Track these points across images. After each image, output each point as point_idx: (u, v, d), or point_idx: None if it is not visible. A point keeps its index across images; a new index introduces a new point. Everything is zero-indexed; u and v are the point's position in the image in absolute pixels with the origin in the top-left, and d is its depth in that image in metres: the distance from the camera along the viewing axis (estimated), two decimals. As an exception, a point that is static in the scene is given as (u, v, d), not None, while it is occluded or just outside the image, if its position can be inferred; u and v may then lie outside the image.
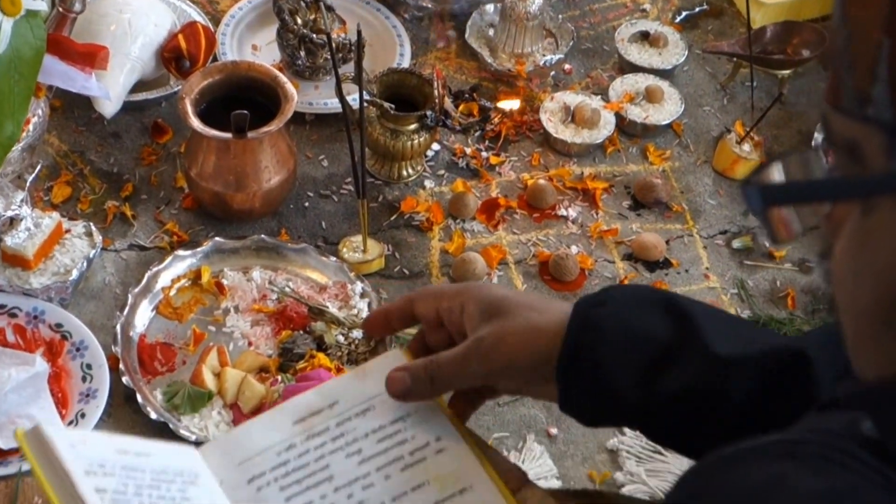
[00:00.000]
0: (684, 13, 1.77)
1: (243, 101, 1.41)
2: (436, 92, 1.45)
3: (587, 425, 0.81)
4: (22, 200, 1.34)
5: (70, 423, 1.24)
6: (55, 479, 0.71)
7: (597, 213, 1.51)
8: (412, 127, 1.48)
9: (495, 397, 0.85)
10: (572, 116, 1.60)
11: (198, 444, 0.86)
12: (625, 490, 1.22)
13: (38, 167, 1.37)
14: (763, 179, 0.58)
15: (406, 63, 1.61)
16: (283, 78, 1.42)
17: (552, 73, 1.67)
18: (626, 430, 1.27)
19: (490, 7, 1.69)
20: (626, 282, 1.44)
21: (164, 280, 1.38)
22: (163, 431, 1.22)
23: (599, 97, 1.63)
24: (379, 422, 0.81)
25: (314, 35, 1.56)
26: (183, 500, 0.75)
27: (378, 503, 0.78)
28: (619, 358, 0.75)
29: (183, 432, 1.23)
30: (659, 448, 1.24)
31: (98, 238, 1.38)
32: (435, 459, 0.79)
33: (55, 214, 1.37)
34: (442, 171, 1.56)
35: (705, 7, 1.78)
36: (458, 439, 0.81)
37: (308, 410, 0.82)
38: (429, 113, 1.46)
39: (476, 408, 0.85)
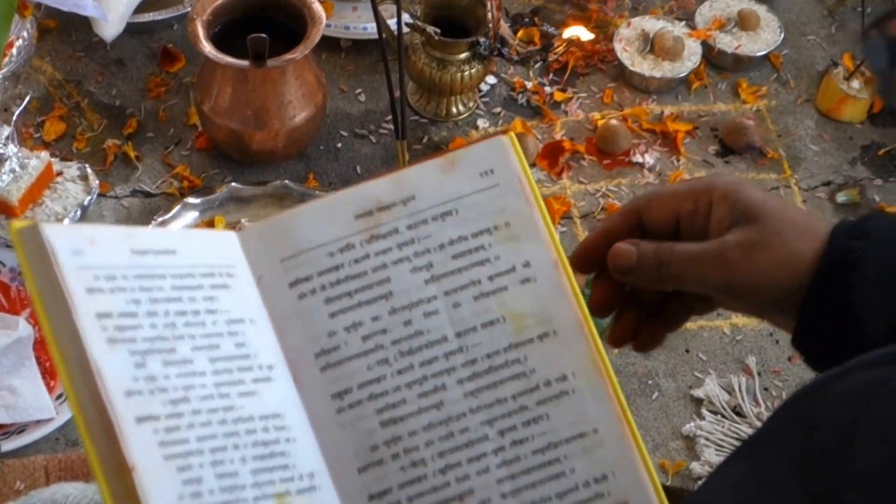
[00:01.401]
0: (785, -74, 1.69)
1: (264, 23, 1.35)
2: (490, 14, 1.40)
3: (813, 367, 0.77)
4: (7, 137, 1.30)
5: (59, 396, 1.20)
6: (49, 296, 0.67)
7: (678, 160, 1.47)
8: (462, 56, 1.43)
9: (707, 312, 0.82)
10: (651, 46, 1.55)
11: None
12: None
13: (27, 99, 1.34)
14: (891, 31, 0.53)
15: (456, -20, 1.54)
16: (311, -4, 1.36)
17: (629, -7, 1.61)
18: (706, 413, 1.22)
19: (557, -84, 1.63)
20: None
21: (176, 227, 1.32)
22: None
23: (684, 23, 1.58)
24: (460, 231, 0.76)
25: (350, -54, 1.50)
26: (207, 312, 0.71)
27: (438, 336, 0.75)
28: (875, 306, 0.73)
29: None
30: (744, 435, 1.21)
31: (95, 182, 1.35)
32: (518, 291, 0.75)
33: (45, 154, 1.34)
34: (498, 109, 1.52)
35: (810, -82, 1.70)
36: (552, 268, 0.75)
37: (376, 203, 0.76)
38: (482, 40, 1.42)
39: (681, 323, 0.81)
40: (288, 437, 0.71)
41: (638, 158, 1.47)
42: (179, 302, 0.70)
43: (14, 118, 1.30)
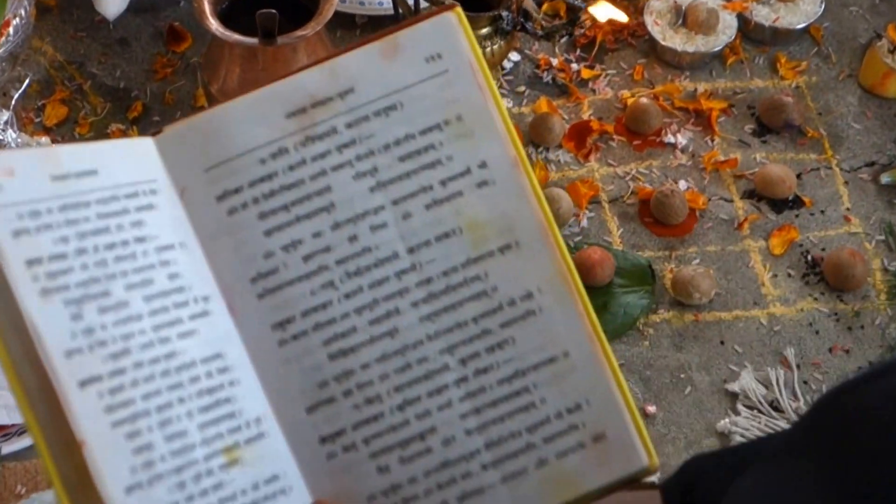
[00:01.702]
0: None
1: (275, -2, 1.31)
2: (512, -13, 1.36)
3: None
4: (6, 122, 1.28)
5: None
6: None
7: (712, 140, 1.43)
8: (483, 31, 1.39)
9: None
10: (684, 19, 1.51)
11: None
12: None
13: (27, 81, 1.33)
14: None
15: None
16: (323, -30, 1.33)
17: (660, -36, 1.57)
18: (742, 409, 1.19)
19: None
20: (745, 225, 1.34)
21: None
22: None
23: (718, -6, 1.52)
24: (406, 128, 0.72)
25: (365, -82, 1.47)
26: (137, 241, 0.67)
27: (388, 253, 0.71)
28: None
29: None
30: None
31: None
32: (475, 196, 0.72)
33: (45, 140, 1.33)
34: (522, 88, 1.49)
35: None
36: (511, 167, 0.72)
37: (309, 98, 0.72)
38: (504, 14, 1.38)
39: None
40: (231, 379, 0.68)
41: (670, 138, 1.43)
42: (107, 233, 0.66)
43: (13, 102, 1.29)
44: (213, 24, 1.27)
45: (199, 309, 0.69)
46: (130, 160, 0.70)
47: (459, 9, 0.73)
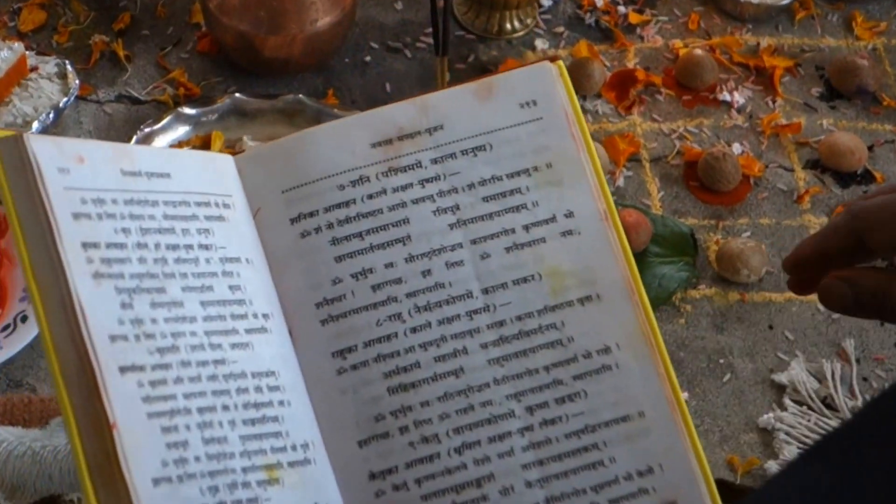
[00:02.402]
0: None
1: None
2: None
3: None
4: None
5: (6, 327, 1.14)
6: (30, 219, 0.66)
7: (773, 102, 1.40)
8: None
9: None
10: None
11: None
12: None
13: None
14: None
15: None
16: None
17: None
18: (789, 403, 1.14)
19: None
20: (805, 198, 1.30)
21: (159, 145, 1.26)
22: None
23: (790, -61, 1.49)
24: (493, 170, 0.76)
25: None
26: (201, 248, 0.71)
27: (462, 291, 0.74)
28: None
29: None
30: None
31: (75, 82, 1.29)
32: (558, 244, 0.75)
33: (18, 45, 1.28)
34: (560, 28, 1.45)
35: None
36: (599, 220, 0.75)
37: (397, 130, 0.76)
38: None
39: None
40: (282, 399, 0.70)
41: (725, 96, 1.39)
42: (172, 234, 0.70)
43: (-16, 2, 1.23)
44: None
45: (258, 325, 0.71)
46: (207, 172, 0.74)
47: (561, 63, 0.77)
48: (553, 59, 0.77)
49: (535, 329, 0.73)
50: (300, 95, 1.32)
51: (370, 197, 0.75)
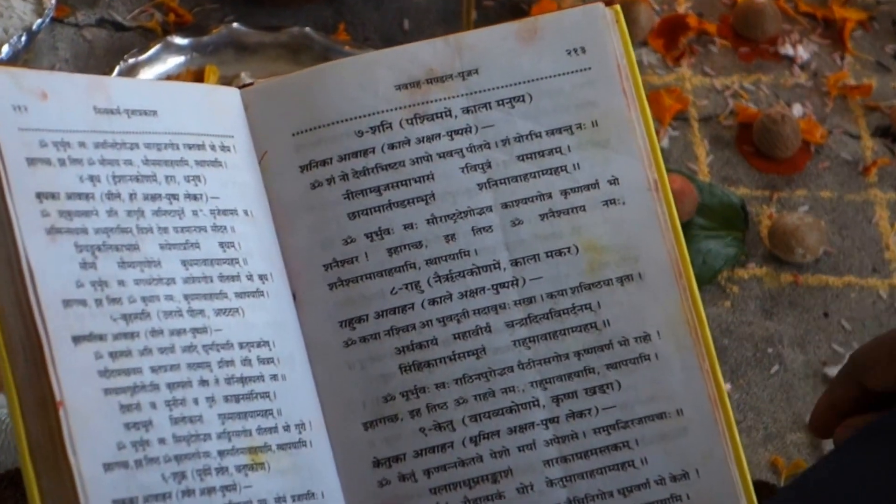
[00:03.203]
0: None
1: None
2: None
3: None
4: None
5: None
6: None
7: (842, 58, 1.36)
8: None
9: None
10: None
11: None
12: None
13: None
14: None
15: None
16: None
17: None
18: None
19: None
20: (872, 171, 1.26)
21: (144, 78, 1.23)
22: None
23: None
24: (532, 125, 0.75)
25: None
26: (188, 198, 0.69)
27: (489, 261, 0.73)
28: None
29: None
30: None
31: (51, 2, 1.24)
32: (599, 214, 0.74)
33: None
34: None
35: None
36: (648, 190, 0.75)
37: (426, 71, 0.75)
38: None
39: None
40: (275, 373, 0.69)
41: (787, 50, 1.35)
42: (152, 182, 0.68)
43: None
44: None
45: (252, 287, 0.70)
46: (205, 108, 0.72)
47: (618, 7, 0.76)
48: (609, 2, 0.76)
49: (567, 309, 0.73)
50: (307, 29, 1.28)
51: (392, 147, 0.73)
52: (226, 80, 1.24)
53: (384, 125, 0.74)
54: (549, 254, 0.74)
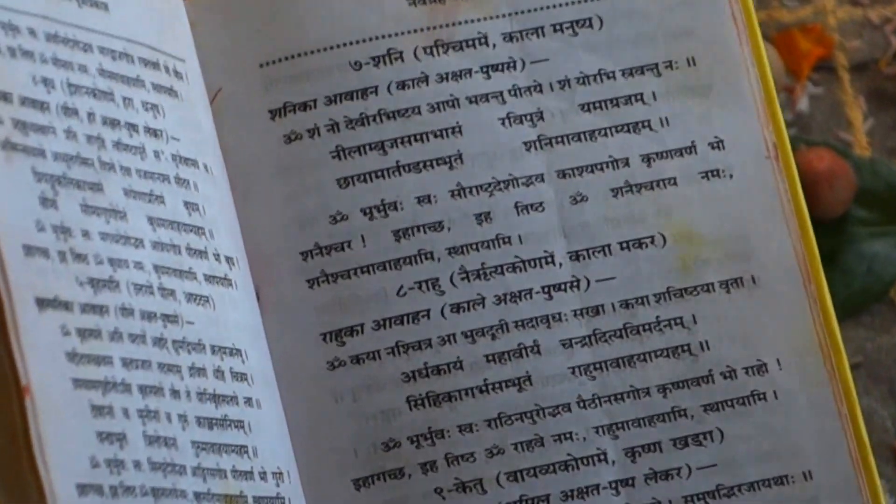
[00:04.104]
0: None
1: None
2: None
3: None
4: None
5: None
6: None
7: None
8: None
9: None
10: None
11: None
12: None
13: None
14: None
15: None
16: None
17: None
18: None
19: None
20: None
21: None
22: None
23: None
24: (601, 60, 0.67)
25: None
26: (148, 133, 0.62)
27: (537, 252, 0.64)
28: None
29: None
30: None
31: None
32: (697, 190, 0.66)
33: None
34: None
35: None
36: (764, 159, 0.66)
37: None
38: None
39: None
40: (249, 395, 0.64)
41: None
42: (110, 102, 0.62)
43: None
44: None
45: (220, 272, 0.63)
46: (154, 13, 0.66)
47: None
48: None
49: (649, 324, 0.65)
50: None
51: (402, 86, 0.65)
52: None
53: (392, 55, 0.65)
54: (625, 245, 0.65)
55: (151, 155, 0.63)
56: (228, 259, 0.65)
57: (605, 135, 0.67)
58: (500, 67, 0.66)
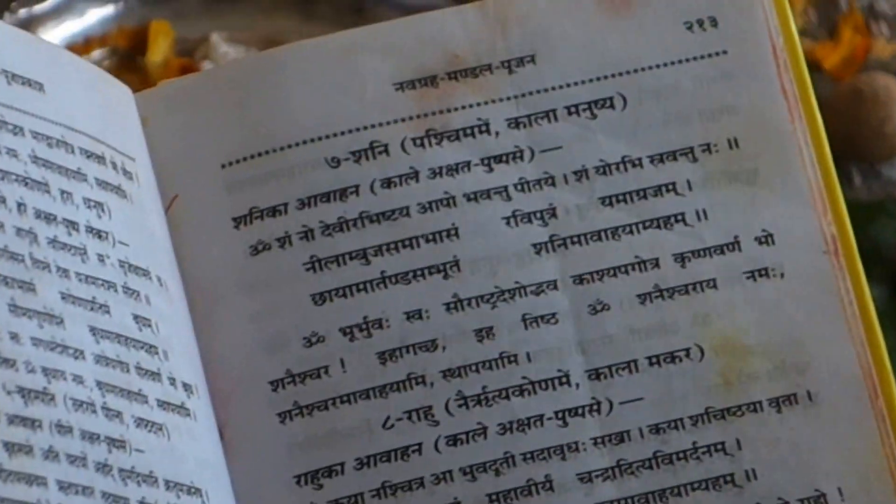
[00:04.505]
0: None
1: None
2: None
3: None
4: None
5: None
6: None
7: None
8: None
9: None
10: None
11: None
12: None
13: None
14: None
15: None
16: None
17: None
18: None
19: None
20: None
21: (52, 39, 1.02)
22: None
23: None
24: (624, 145, 0.62)
25: None
26: (90, 233, 0.59)
27: (549, 371, 0.59)
28: None
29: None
30: None
31: None
32: (741, 293, 0.62)
33: None
34: None
35: None
36: (821, 254, 0.63)
37: (447, 59, 0.62)
38: None
39: None
40: None
41: None
42: (45, 193, 0.59)
43: None
44: None
45: (176, 399, 0.59)
46: (100, 102, 0.63)
47: None
48: None
49: (685, 451, 0.58)
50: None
51: (388, 184, 0.59)
52: (186, 45, 0.96)
53: (375, 148, 0.60)
54: (654, 359, 0.59)
55: (94, 258, 0.58)
56: (186, 386, 0.59)
57: (631, 232, 0.60)
58: (504, 158, 0.60)
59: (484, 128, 0.60)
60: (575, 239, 0.60)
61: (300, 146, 0.60)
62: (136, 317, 0.58)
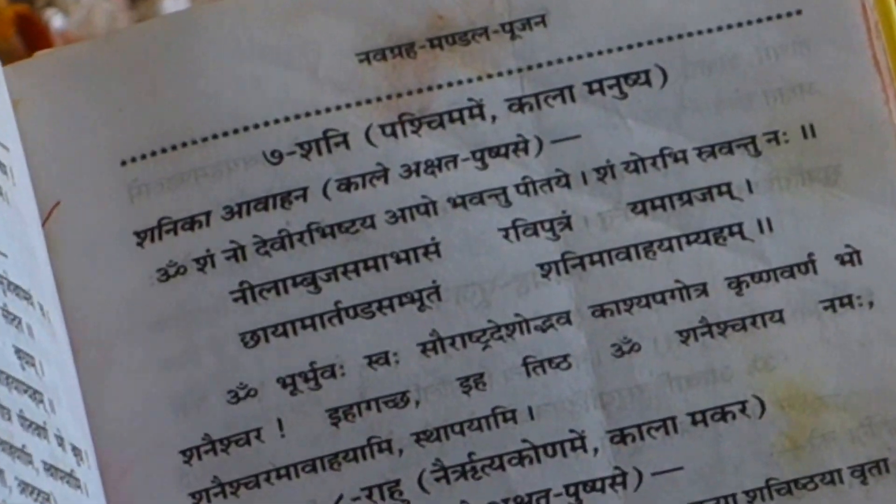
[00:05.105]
0: None
1: None
2: None
3: None
4: None
5: None
6: None
7: None
8: None
9: None
10: None
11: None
12: None
13: None
14: None
15: None
16: None
17: None
18: None
19: None
20: None
21: None
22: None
23: None
24: (664, 136, 0.55)
25: None
26: None
27: (562, 433, 0.53)
28: None
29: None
30: None
31: None
32: (814, 328, 0.55)
33: None
34: None
35: None
36: None
37: (427, 23, 0.56)
38: None
39: None
40: None
41: None
42: None
43: None
44: None
45: (65, 464, 0.52)
46: None
47: None
48: None
49: None
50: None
51: (346, 185, 0.53)
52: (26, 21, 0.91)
53: (331, 138, 0.52)
54: (699, 416, 0.51)
55: None
56: (76, 450, 0.52)
57: (671, 248, 0.53)
58: (502, 151, 0.53)
59: (476, 111, 0.53)
60: (595, 257, 0.53)
61: (228, 137, 0.53)
62: (17, 351, 0.51)
